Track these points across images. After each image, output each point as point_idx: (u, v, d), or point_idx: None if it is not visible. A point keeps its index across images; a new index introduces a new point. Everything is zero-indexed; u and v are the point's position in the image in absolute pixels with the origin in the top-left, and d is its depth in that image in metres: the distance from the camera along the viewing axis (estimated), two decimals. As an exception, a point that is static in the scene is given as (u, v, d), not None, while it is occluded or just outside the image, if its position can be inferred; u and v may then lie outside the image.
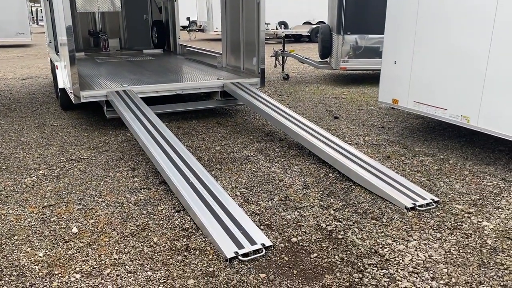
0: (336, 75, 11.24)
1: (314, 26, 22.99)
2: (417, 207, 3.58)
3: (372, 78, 10.19)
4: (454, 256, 2.92)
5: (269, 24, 21.16)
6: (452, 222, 3.37)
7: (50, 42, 9.19)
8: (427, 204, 3.62)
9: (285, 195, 3.88)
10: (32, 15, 32.51)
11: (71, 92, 5.84)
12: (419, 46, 5.07)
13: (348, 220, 3.40)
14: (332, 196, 3.84)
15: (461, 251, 2.98)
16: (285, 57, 10.95)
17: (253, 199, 3.79)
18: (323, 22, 22.49)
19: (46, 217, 3.48)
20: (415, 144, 5.31)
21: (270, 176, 4.31)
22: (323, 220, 3.41)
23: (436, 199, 3.70)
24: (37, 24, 37.54)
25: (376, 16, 8.62)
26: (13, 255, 2.94)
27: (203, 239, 3.12)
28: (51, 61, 8.36)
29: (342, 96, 8.41)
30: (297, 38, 23.77)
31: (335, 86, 9.57)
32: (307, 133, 4.95)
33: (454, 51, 4.68)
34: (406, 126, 6.15)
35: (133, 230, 3.26)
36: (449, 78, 4.77)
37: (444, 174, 4.37)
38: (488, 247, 3.03)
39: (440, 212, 3.55)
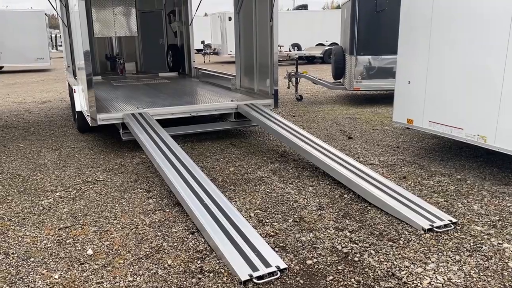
0: (349, 95, 11.25)
1: (327, 47, 23.15)
2: (434, 229, 3.51)
3: (385, 98, 10.16)
4: (474, 279, 2.84)
5: (282, 46, 21.38)
6: (471, 244, 3.29)
7: (68, 67, 9.44)
8: (445, 226, 3.55)
9: (299, 216, 3.84)
10: (51, 40, 33.47)
11: (88, 115, 5.95)
12: (433, 65, 5.06)
13: (364, 242, 3.35)
14: (348, 218, 3.80)
15: (481, 274, 2.90)
16: (299, 79, 11.02)
17: (267, 221, 3.77)
18: (336, 44, 22.66)
19: (62, 239, 3.50)
20: (431, 164, 5.24)
21: (285, 197, 4.29)
22: (338, 242, 3.36)
23: (454, 220, 3.63)
24: (56, 49, 38.63)
25: (389, 37, 8.66)
26: (29, 277, 2.96)
27: (218, 261, 3.10)
28: (69, 85, 8.57)
29: (356, 117, 8.39)
30: (310, 60, 23.94)
31: (348, 107, 9.56)
32: (322, 153, 4.93)
33: (468, 70, 4.65)
34: (421, 146, 6.09)
35: (147, 252, 3.26)
36: (464, 97, 4.73)
37: (461, 194, 4.29)
38: (510, 270, 2.94)
39: (459, 233, 3.47)
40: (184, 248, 3.32)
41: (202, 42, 27.94)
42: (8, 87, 14.94)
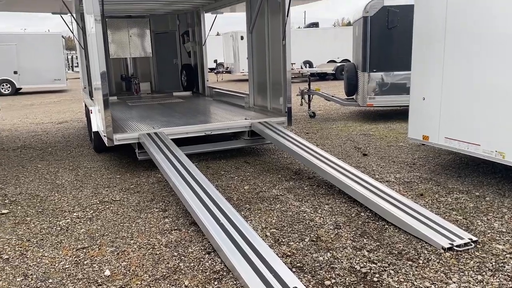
0: (362, 112, 11.22)
1: (338, 64, 23.23)
2: (454, 247, 3.44)
3: (399, 114, 10.11)
4: (498, 300, 2.78)
5: (294, 63, 21.53)
6: (494, 263, 3.22)
7: (85, 88, 9.62)
8: (465, 244, 3.48)
9: (316, 235, 3.81)
10: (67, 62, 34.23)
11: (104, 135, 6.04)
12: (447, 81, 5.04)
13: (383, 262, 3.30)
14: (365, 236, 3.75)
15: (505, 294, 2.83)
16: (311, 96, 11.05)
17: (283, 240, 3.74)
18: (348, 60, 22.74)
19: (79, 259, 3.52)
20: (448, 181, 5.17)
21: (300, 216, 4.26)
22: (357, 261, 3.32)
23: (474, 238, 3.56)
24: (72, 70, 39.41)
25: (401, 53, 8.69)
26: (48, 298, 2.97)
27: (234, 282, 3.08)
28: (85, 105, 8.72)
29: (370, 133, 8.35)
30: (322, 76, 24.03)
31: (362, 123, 9.53)
32: (337, 171, 4.91)
33: (485, 85, 4.62)
34: (438, 162, 6.02)
35: (164, 273, 3.26)
36: (480, 113, 4.69)
37: (481, 212, 4.22)
38: (535, 290, 2.86)
39: (480, 252, 3.40)
40: (201, 268, 3.31)
41: (215, 61, 28.28)
42: (26, 108, 15.26)
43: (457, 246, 3.46)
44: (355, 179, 4.71)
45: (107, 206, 4.75)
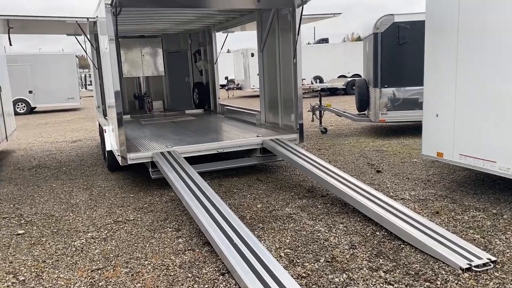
0: (374, 127, 11.18)
1: (349, 79, 23.27)
2: (473, 268, 3.38)
3: (412, 129, 10.04)
4: (521, 323, 2.70)
5: (305, 79, 21.61)
6: (514, 284, 3.15)
7: (99, 107, 9.76)
8: (484, 264, 3.42)
9: (331, 255, 3.77)
10: (81, 80, 34.83)
11: (118, 155, 6.09)
12: (461, 97, 5.00)
13: (400, 283, 3.25)
14: (381, 257, 3.70)
15: (527, 317, 2.76)
16: (322, 111, 11.05)
17: (298, 261, 3.71)
18: (358, 75, 22.80)
19: (94, 281, 3.53)
20: (464, 198, 5.10)
21: (315, 235, 4.23)
22: (373, 283, 3.27)
23: (493, 258, 3.49)
24: (85, 88, 40.05)
25: (412, 68, 8.66)
26: (64, 321, 2.98)
27: (250, 304, 3.05)
28: (99, 125, 8.83)
29: (383, 149, 8.30)
30: (332, 91, 24.05)
31: (375, 139, 9.49)
32: (350, 189, 4.88)
33: (500, 101, 4.57)
34: (453, 179, 5.95)
35: (179, 295, 3.24)
36: (496, 129, 4.64)
37: (499, 230, 4.14)
38: (558, 313, 2.78)
39: (499, 273, 3.33)
40: (216, 290, 3.29)
41: (226, 77, 28.53)
42: (40, 127, 15.50)
43: (475, 266, 3.39)
44: (369, 197, 4.67)
45: (121, 226, 4.77)
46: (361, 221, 4.53)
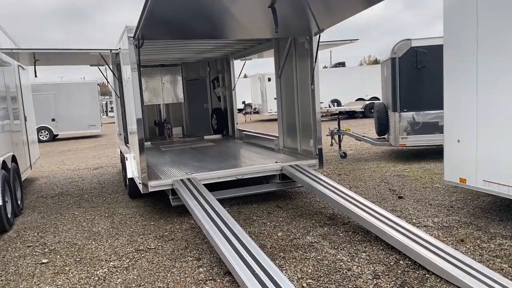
0: (395, 151, 11.07)
1: (367, 102, 23.25)
2: (502, 300, 3.27)
3: (433, 153, 9.92)
4: None
5: (322, 102, 21.68)
6: (547, 318, 3.03)
7: (120, 134, 9.95)
8: (514, 296, 3.31)
9: (354, 286, 3.71)
10: (102, 107, 35.62)
11: (140, 182, 6.17)
12: (482, 122, 4.94)
13: (426, 316, 3.16)
14: (406, 287, 3.62)
15: None
16: (341, 135, 11.03)
17: (321, 291, 3.66)
18: (377, 98, 22.77)
19: (117, 311, 3.54)
20: (489, 225, 4.98)
21: (337, 265, 4.17)
22: (398, 315, 3.19)
23: (523, 289, 3.38)
24: (107, 115, 40.88)
25: (432, 92, 8.65)
26: None
27: (273, 337, 3.01)
28: (120, 152, 8.99)
29: (404, 174, 8.20)
30: (350, 114, 24.03)
31: (395, 163, 9.39)
32: (372, 216, 4.82)
33: (521, 127, 4.50)
34: (477, 205, 5.82)
35: (201, 327, 3.22)
36: (519, 155, 4.55)
37: (528, 259, 4.02)
38: None
39: (531, 305, 3.21)
40: (238, 322, 3.25)
41: (243, 102, 28.82)
42: (62, 154, 15.84)
43: (505, 298, 3.29)
44: (392, 224, 4.60)
45: (142, 255, 4.79)
46: (384, 249, 4.46)
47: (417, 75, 8.92)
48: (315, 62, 6.80)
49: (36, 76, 8.66)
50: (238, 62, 11.01)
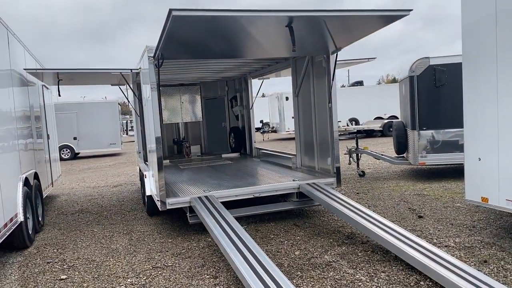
0: (414, 170, 10.91)
1: (386, 120, 23.07)
2: (529, 323, 3.15)
3: (454, 172, 9.74)
4: None
5: (340, 121, 21.63)
6: None
7: (139, 152, 10.08)
8: (541, 320, 3.18)
9: (373, 307, 3.63)
10: (122, 126, 36.23)
11: (158, 200, 6.22)
12: (504, 140, 4.85)
13: (449, 339, 3.06)
14: (427, 309, 3.52)
15: None
16: (360, 154, 10.94)
17: (339, 311, 3.59)
18: (395, 117, 22.59)
19: (133, 329, 3.53)
20: (514, 246, 4.83)
21: (356, 285, 4.09)
22: (419, 337, 3.10)
23: (551, 313, 3.25)
24: (127, 134, 41.55)
25: (451, 110, 8.56)
26: None
27: None
28: (139, 170, 9.10)
29: (424, 193, 8.06)
30: (369, 133, 23.85)
31: (415, 182, 9.24)
32: (392, 235, 4.73)
33: (545, 145, 4.40)
34: (500, 225, 5.67)
35: None
36: (544, 173, 4.44)
37: (555, 281, 3.87)
38: None
39: (559, 330, 3.09)
40: None
41: (261, 121, 28.94)
42: (83, 172, 16.10)
43: (531, 322, 3.16)
44: (412, 244, 4.51)
45: (159, 272, 4.79)
46: (403, 270, 4.36)
47: (436, 93, 8.85)
48: (333, 80, 6.83)
49: (59, 95, 8.90)
50: (256, 81, 11.12)
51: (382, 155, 10.81)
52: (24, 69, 7.45)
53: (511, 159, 4.78)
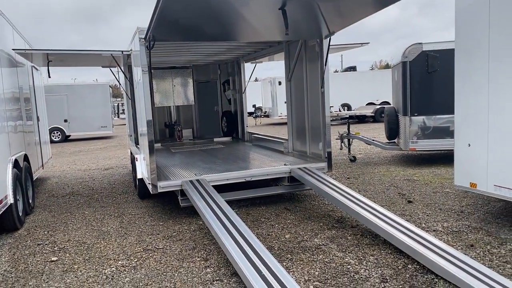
0: (405, 155, 11.00)
1: (378, 106, 23.12)
2: (512, 305, 3.22)
3: (444, 158, 9.83)
4: None
5: (332, 106, 21.63)
6: (558, 325, 2.98)
7: (131, 136, 10.03)
8: (524, 302, 3.26)
9: (361, 289, 3.69)
10: (113, 109, 35.94)
11: (149, 183, 6.22)
12: (493, 126, 4.89)
13: (434, 320, 3.13)
14: (414, 291, 3.59)
15: None
16: (351, 139, 10.98)
17: (328, 294, 3.64)
18: (387, 102, 22.64)
19: (124, 310, 3.56)
20: (500, 231, 4.91)
21: (344, 268, 4.15)
22: (405, 319, 3.17)
23: (534, 296, 3.33)
24: (118, 117, 41.27)
25: (443, 97, 8.59)
26: None
27: (278, 338, 3.00)
28: (131, 153, 9.05)
29: (414, 178, 8.14)
30: (361, 119, 23.91)
31: (405, 167, 9.32)
32: (381, 220, 4.79)
33: (534, 132, 4.45)
34: (487, 210, 5.76)
35: (207, 326, 3.22)
36: (531, 160, 4.50)
37: (539, 265, 3.96)
38: None
39: (541, 311, 3.16)
40: (244, 322, 3.26)
41: (254, 105, 28.87)
42: (74, 155, 16.00)
43: (515, 304, 3.24)
44: (401, 228, 4.57)
45: (150, 255, 4.81)
46: (392, 253, 4.43)
47: (428, 79, 8.86)
48: (325, 65, 6.80)
49: (49, 77, 8.78)
50: (249, 65, 11.06)
51: (373, 140, 10.86)
52: (13, 49, 7.32)
53: (500, 145, 4.83)
